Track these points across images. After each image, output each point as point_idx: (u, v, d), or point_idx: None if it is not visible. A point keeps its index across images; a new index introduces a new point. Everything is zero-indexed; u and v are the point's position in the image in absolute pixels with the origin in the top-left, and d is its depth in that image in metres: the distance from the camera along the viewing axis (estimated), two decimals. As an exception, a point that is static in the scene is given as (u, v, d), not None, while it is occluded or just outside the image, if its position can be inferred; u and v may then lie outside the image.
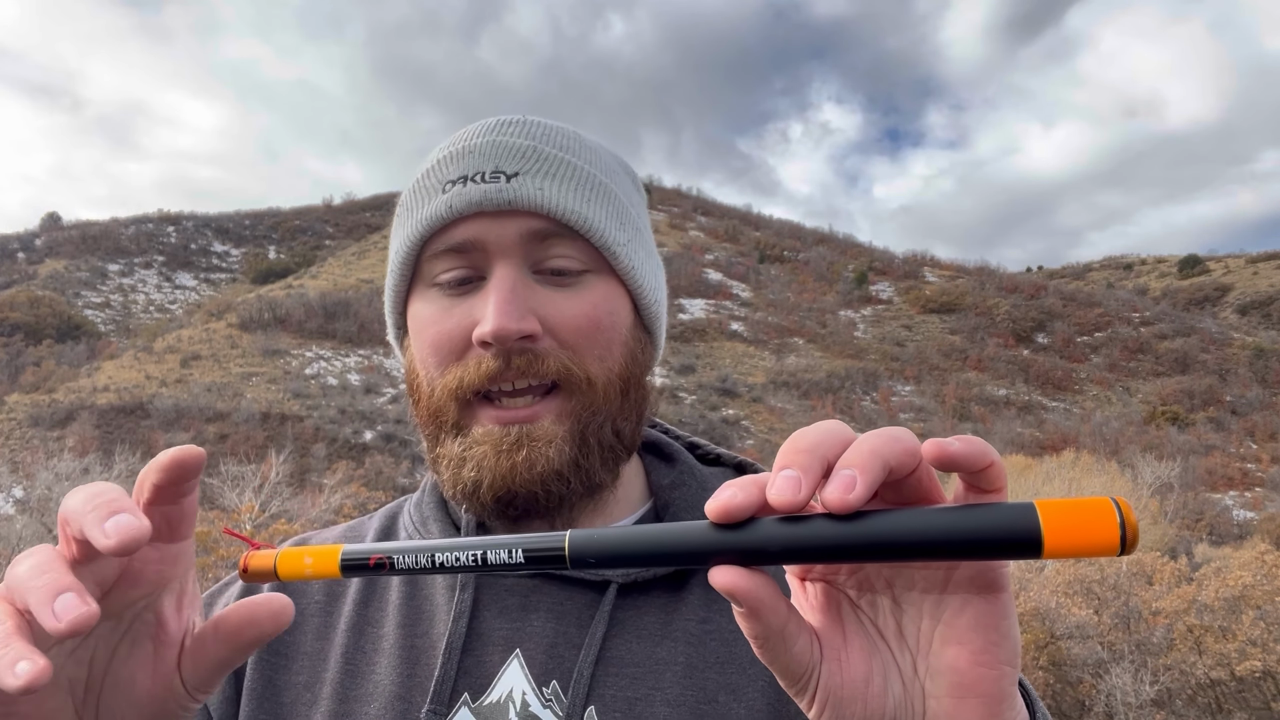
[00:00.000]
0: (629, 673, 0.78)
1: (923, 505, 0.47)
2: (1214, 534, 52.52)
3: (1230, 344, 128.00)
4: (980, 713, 0.48)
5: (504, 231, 0.81)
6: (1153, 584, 17.31)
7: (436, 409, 0.84)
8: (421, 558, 0.53)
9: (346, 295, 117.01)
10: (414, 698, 0.79)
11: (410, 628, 0.84)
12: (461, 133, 0.90)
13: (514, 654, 0.80)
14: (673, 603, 0.83)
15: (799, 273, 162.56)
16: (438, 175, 0.85)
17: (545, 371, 0.81)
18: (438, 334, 0.83)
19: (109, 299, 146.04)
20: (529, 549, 0.52)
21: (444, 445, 0.84)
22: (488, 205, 0.81)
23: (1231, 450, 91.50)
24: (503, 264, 0.81)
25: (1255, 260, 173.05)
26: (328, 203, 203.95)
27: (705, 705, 0.76)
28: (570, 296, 0.83)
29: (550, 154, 0.85)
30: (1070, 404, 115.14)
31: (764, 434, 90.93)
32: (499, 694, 0.78)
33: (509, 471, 0.80)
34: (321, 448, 71.67)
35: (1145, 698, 14.47)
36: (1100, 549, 0.42)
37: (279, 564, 0.55)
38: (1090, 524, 0.42)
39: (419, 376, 0.87)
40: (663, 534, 0.50)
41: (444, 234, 0.83)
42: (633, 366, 0.87)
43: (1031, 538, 0.42)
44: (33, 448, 59.54)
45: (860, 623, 0.53)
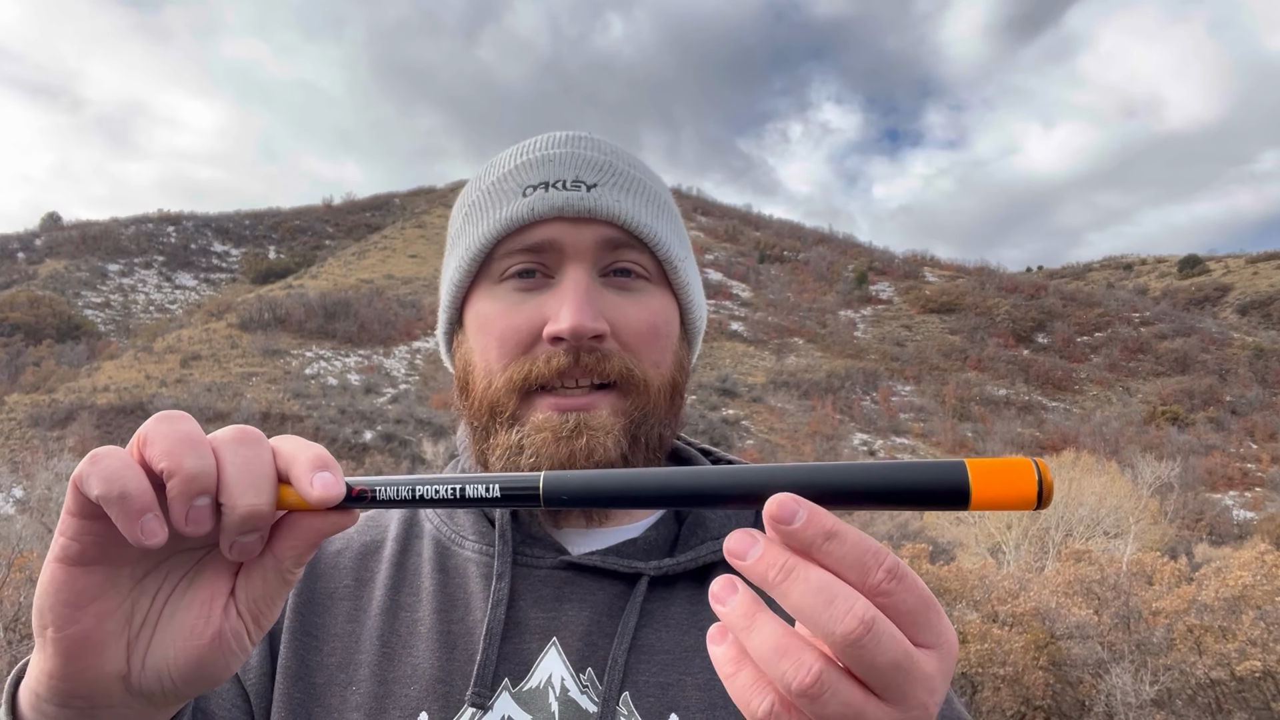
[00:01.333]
0: (660, 660, 0.81)
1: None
2: (1214, 534, 52.56)
3: (1230, 344, 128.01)
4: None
5: (581, 236, 0.86)
6: (1153, 584, 17.32)
7: (494, 401, 0.86)
8: (403, 489, 0.54)
9: (346, 295, 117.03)
10: (455, 681, 0.81)
11: (446, 613, 0.86)
12: (532, 142, 0.95)
13: (551, 642, 0.82)
14: (699, 595, 0.86)
15: (799, 273, 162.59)
16: (516, 180, 0.89)
17: (609, 371, 0.84)
18: (506, 327, 0.86)
19: (109, 299, 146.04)
20: (505, 485, 0.54)
21: (497, 436, 0.86)
22: (569, 211, 0.85)
23: (1231, 450, 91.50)
24: (576, 266, 0.86)
25: (1255, 260, 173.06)
26: (328, 203, 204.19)
27: None
28: (634, 302, 0.87)
29: (624, 170, 0.92)
30: (1070, 404, 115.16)
31: (764, 434, 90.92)
32: (539, 680, 0.80)
33: (567, 458, 0.82)
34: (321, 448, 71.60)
35: (1145, 698, 14.48)
36: (1020, 503, 0.47)
37: (280, 496, 0.55)
38: (1012, 481, 0.47)
39: (476, 369, 0.89)
40: (630, 477, 0.53)
41: (521, 234, 0.86)
42: (680, 375, 0.92)
43: (961, 490, 0.48)
44: (33, 448, 59.56)
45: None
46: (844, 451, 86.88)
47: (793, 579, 0.47)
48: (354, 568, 0.93)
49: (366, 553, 0.95)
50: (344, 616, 0.88)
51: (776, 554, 0.48)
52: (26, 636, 13.38)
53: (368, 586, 0.91)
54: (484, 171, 0.96)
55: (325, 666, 0.85)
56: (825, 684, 0.46)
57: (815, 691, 0.46)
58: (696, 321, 0.97)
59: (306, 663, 0.85)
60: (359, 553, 0.95)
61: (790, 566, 0.47)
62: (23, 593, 13.71)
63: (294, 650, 0.86)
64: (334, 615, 0.89)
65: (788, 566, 0.47)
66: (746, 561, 0.48)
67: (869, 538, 0.48)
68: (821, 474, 0.49)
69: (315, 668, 0.85)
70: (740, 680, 0.49)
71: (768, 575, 0.47)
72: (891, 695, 0.47)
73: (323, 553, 0.95)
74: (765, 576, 0.48)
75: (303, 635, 0.87)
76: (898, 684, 0.47)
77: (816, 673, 0.46)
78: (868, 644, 0.45)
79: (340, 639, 0.87)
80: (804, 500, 0.48)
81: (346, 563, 0.93)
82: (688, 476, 0.52)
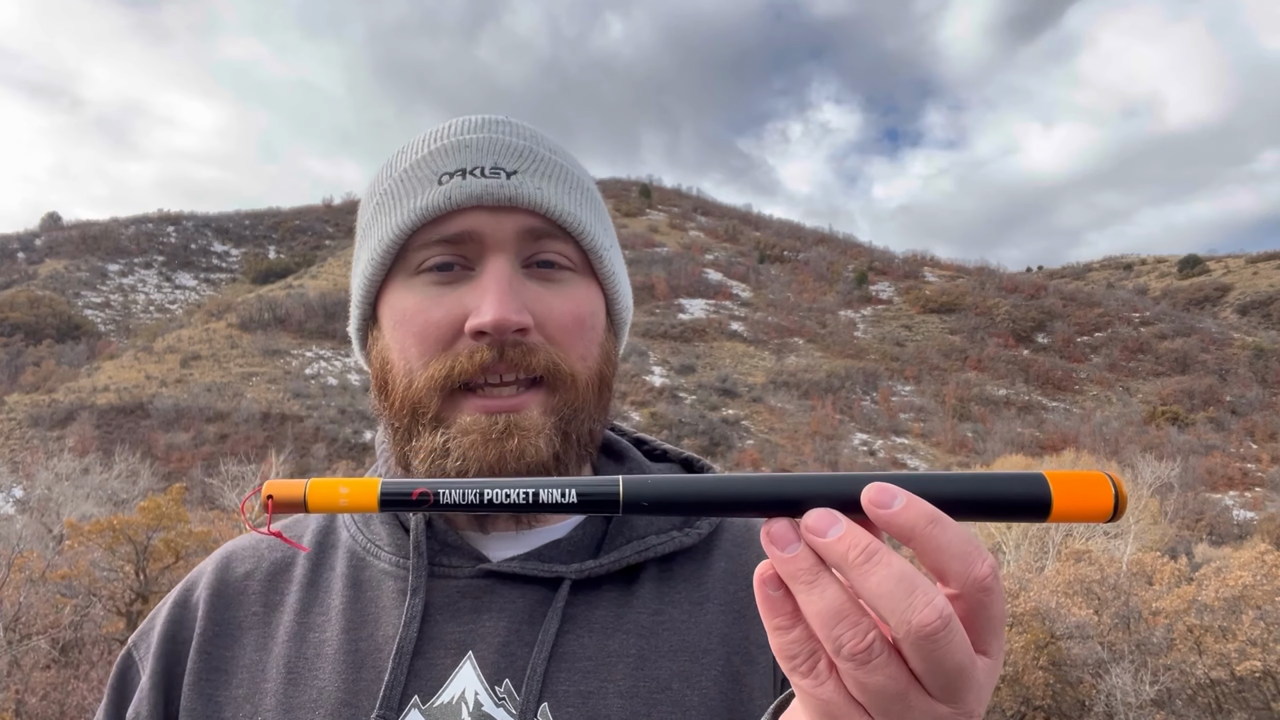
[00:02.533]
0: (581, 667, 0.78)
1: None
2: (1214, 534, 52.56)
3: (1230, 344, 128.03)
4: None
5: (501, 226, 0.82)
6: (1153, 584, 17.31)
7: (415, 401, 0.83)
8: (470, 493, 0.52)
9: (346, 295, 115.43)
10: (360, 703, 0.78)
11: (354, 631, 0.83)
12: (445, 126, 0.90)
13: (466, 656, 0.80)
14: (625, 597, 0.84)
15: (799, 273, 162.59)
16: (430, 166, 0.85)
17: (535, 365, 0.81)
18: (425, 323, 0.82)
19: (109, 299, 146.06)
20: (583, 491, 0.52)
21: (420, 438, 0.83)
22: (488, 200, 0.81)
23: (1231, 450, 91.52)
24: (497, 257, 0.82)
25: (1255, 260, 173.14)
26: (328, 203, 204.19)
27: (658, 694, 0.78)
28: (558, 294, 0.84)
29: (545, 155, 0.87)
30: (1070, 404, 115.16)
31: (764, 434, 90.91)
32: (450, 695, 0.78)
33: (497, 460, 0.80)
34: (321, 448, 71.69)
35: (1145, 698, 14.47)
36: (1096, 515, 0.49)
37: (310, 494, 0.52)
38: (1090, 493, 0.49)
39: (394, 367, 0.85)
40: (712, 483, 0.51)
41: (438, 225, 0.82)
42: (607, 366, 0.89)
43: (1042, 502, 0.49)
44: (33, 448, 59.58)
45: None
46: (844, 451, 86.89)
47: (874, 562, 0.46)
48: (262, 592, 0.89)
49: (276, 573, 0.91)
50: (251, 646, 0.85)
51: (860, 535, 0.47)
52: (26, 636, 13.37)
53: (276, 611, 0.87)
54: (395, 158, 0.91)
55: (233, 700, 0.82)
56: (875, 653, 0.46)
57: (865, 658, 0.46)
58: (622, 312, 0.94)
59: (214, 700, 0.83)
60: (268, 574, 0.90)
61: (874, 549, 0.47)
62: (23, 593, 13.70)
63: (199, 690, 0.83)
64: (242, 646, 0.85)
65: (871, 549, 0.46)
66: (827, 539, 0.47)
67: (969, 532, 0.48)
68: (905, 481, 0.49)
69: (223, 703, 0.82)
70: (791, 636, 0.49)
71: (848, 555, 0.47)
72: (944, 694, 0.47)
73: (230, 577, 0.90)
74: (845, 556, 0.47)
75: (209, 673, 0.84)
76: (955, 686, 0.47)
77: (871, 640, 0.46)
78: (941, 639, 0.45)
79: (247, 670, 0.84)
80: (900, 488, 0.48)
81: (255, 587, 0.89)
82: (770, 483, 0.51)
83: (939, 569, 0.47)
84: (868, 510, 0.48)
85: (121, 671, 0.90)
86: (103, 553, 16.33)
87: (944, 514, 0.47)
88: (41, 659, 13.13)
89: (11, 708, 11.61)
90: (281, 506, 0.54)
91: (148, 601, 16.31)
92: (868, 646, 0.46)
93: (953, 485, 0.49)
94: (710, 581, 0.86)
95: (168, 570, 16.47)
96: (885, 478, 0.49)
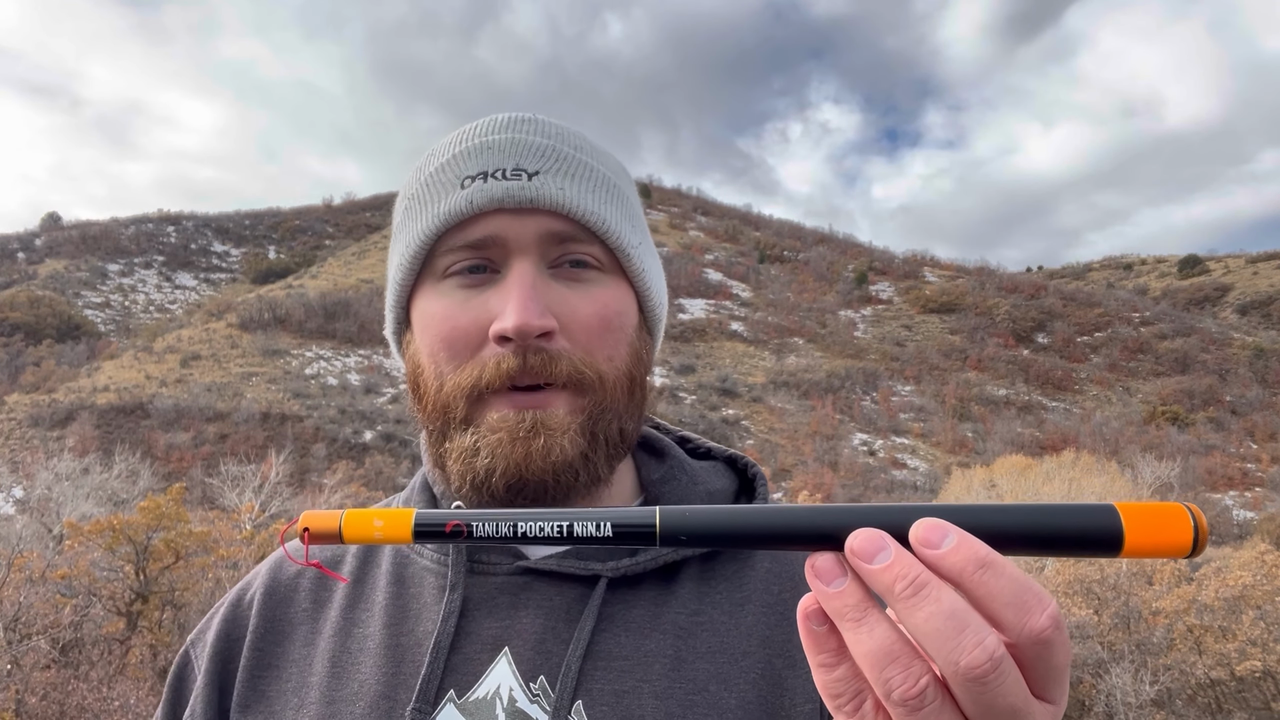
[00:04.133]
0: (617, 666, 0.78)
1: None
2: (1214, 534, 52.56)
3: (1230, 344, 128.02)
4: None
5: (524, 229, 0.82)
6: (1153, 584, 17.31)
7: (445, 405, 0.84)
8: (503, 526, 0.52)
9: (346, 295, 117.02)
10: (399, 696, 0.79)
11: (396, 626, 0.84)
12: (472, 127, 0.90)
13: (502, 652, 0.80)
14: (663, 596, 0.83)
15: (799, 273, 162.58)
16: (454, 170, 0.85)
17: (557, 374, 0.81)
18: (453, 329, 0.82)
19: (109, 299, 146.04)
20: (618, 523, 0.51)
21: (452, 439, 0.84)
22: (509, 202, 0.81)
23: (1231, 450, 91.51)
24: (521, 260, 0.82)
25: (1255, 260, 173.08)
26: (328, 203, 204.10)
27: (695, 695, 0.77)
28: (583, 295, 0.84)
29: (568, 154, 0.86)
30: (1070, 404, 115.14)
31: (764, 434, 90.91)
32: (485, 690, 0.78)
33: (524, 458, 0.80)
34: (321, 448, 71.67)
35: (1145, 698, 14.47)
36: (1174, 551, 0.45)
37: (345, 526, 0.53)
38: (1167, 527, 0.45)
39: (426, 371, 0.86)
40: (753, 515, 0.49)
41: (462, 229, 0.83)
42: (638, 366, 0.88)
43: (1113, 537, 0.45)
44: (33, 448, 59.56)
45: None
46: (844, 451, 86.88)
47: (922, 596, 0.44)
48: (312, 589, 0.91)
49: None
50: (300, 641, 0.87)
51: (909, 566, 0.44)
52: (26, 636, 13.37)
53: (325, 608, 0.89)
54: (424, 160, 0.91)
55: (282, 693, 0.84)
56: (928, 700, 0.44)
57: (916, 704, 0.44)
58: (656, 309, 0.93)
59: (265, 693, 0.85)
60: (317, 573, 0.93)
61: (923, 582, 0.44)
62: (22, 593, 13.70)
63: (251, 685, 0.86)
64: (292, 641, 0.88)
65: (920, 581, 0.44)
66: (873, 565, 0.45)
67: (1030, 578, 0.44)
68: (963, 514, 0.46)
69: (274, 696, 0.84)
70: (836, 675, 0.47)
71: (894, 587, 0.44)
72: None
73: (282, 577, 0.93)
74: (891, 588, 0.44)
75: (261, 668, 0.87)
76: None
77: (924, 686, 0.44)
78: (991, 682, 0.43)
79: (296, 664, 0.86)
80: (953, 525, 0.45)
81: (305, 585, 0.92)
82: (813, 514, 0.48)
83: (992, 617, 0.44)
84: (916, 549, 0.45)
85: (179, 671, 0.92)
86: (103, 553, 16.33)
87: (997, 557, 0.44)
88: (41, 659, 13.12)
89: (11, 708, 11.60)
90: (317, 538, 0.54)
91: (148, 601, 16.31)
92: (920, 692, 0.44)
93: (1015, 518, 0.46)
94: (752, 582, 0.85)
95: (168, 570, 16.47)
96: (939, 511, 0.46)
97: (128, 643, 15.18)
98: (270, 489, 26.76)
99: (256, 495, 26.14)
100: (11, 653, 12.64)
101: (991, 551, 0.45)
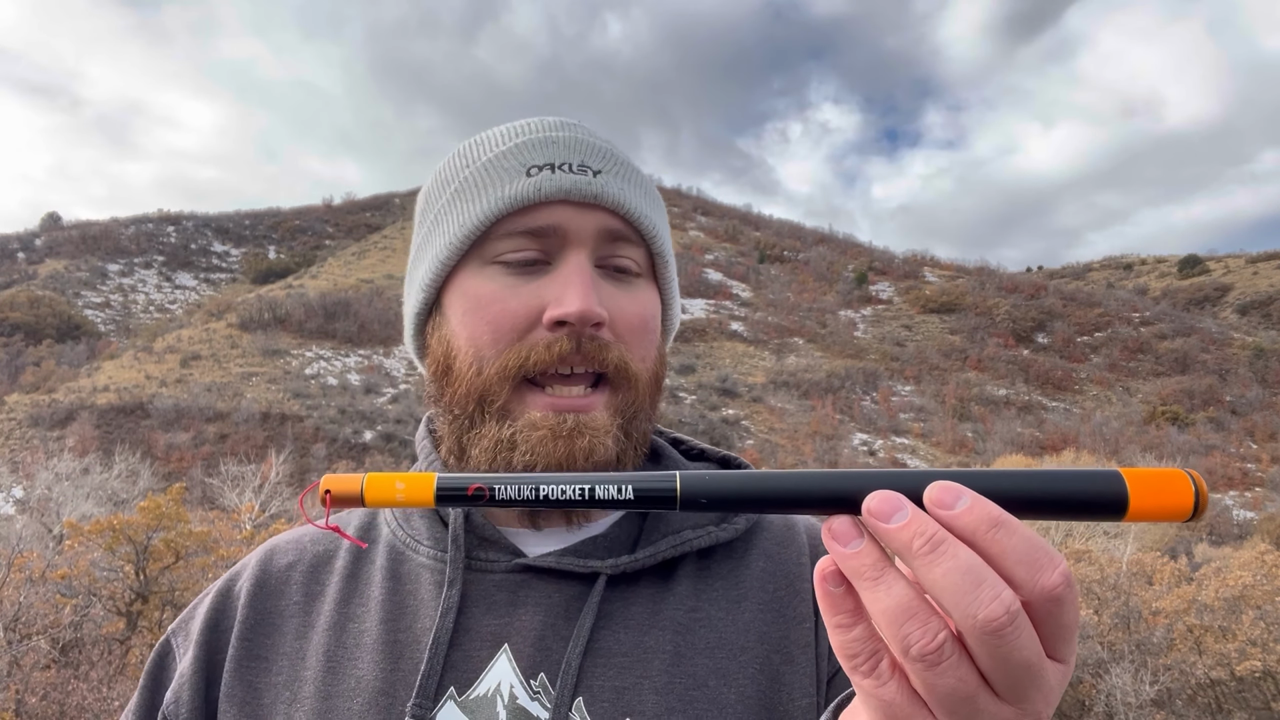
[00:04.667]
0: (617, 662, 0.79)
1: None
2: (1214, 534, 52.53)
3: (1230, 344, 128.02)
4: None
5: (585, 223, 0.83)
6: (1153, 584, 17.32)
7: (484, 389, 0.83)
8: (525, 489, 0.52)
9: (346, 295, 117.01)
10: (398, 692, 0.79)
11: (393, 622, 0.84)
12: (528, 123, 0.91)
13: (502, 648, 0.80)
14: (661, 593, 0.84)
15: (799, 273, 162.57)
16: (517, 158, 0.86)
17: (608, 360, 0.82)
18: (502, 311, 0.83)
19: (109, 299, 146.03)
20: (639, 487, 0.51)
21: (484, 426, 0.83)
22: (575, 195, 0.83)
23: (1231, 450, 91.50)
24: (578, 252, 0.83)
25: (1255, 260, 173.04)
26: (328, 203, 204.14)
27: (694, 691, 0.78)
28: (627, 294, 0.86)
29: (624, 159, 0.90)
30: (1070, 404, 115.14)
31: (764, 434, 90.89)
32: (486, 687, 0.78)
33: (566, 457, 0.80)
34: (321, 448, 71.67)
35: (1145, 698, 14.47)
36: (1175, 514, 0.47)
37: (367, 488, 0.53)
38: (1170, 491, 0.47)
39: (461, 354, 0.85)
40: (771, 479, 0.50)
41: (523, 215, 0.83)
42: (661, 369, 0.91)
43: (1119, 500, 0.47)
44: (33, 448, 59.54)
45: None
46: (844, 451, 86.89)
47: (940, 552, 0.45)
48: (304, 582, 0.91)
49: (317, 565, 0.92)
50: (292, 634, 0.87)
51: (926, 524, 0.45)
52: (26, 636, 13.37)
53: (317, 601, 0.89)
54: (471, 148, 0.91)
55: (273, 686, 0.83)
56: (946, 654, 0.44)
57: (935, 659, 0.44)
58: (673, 319, 0.97)
59: (254, 686, 0.84)
60: (310, 566, 0.92)
61: (940, 539, 0.45)
62: (22, 592, 13.70)
63: (239, 677, 0.85)
64: (283, 634, 0.87)
65: (937, 539, 0.45)
66: (890, 525, 0.46)
67: (1041, 537, 0.45)
68: (975, 479, 0.48)
69: (263, 689, 0.84)
70: (854, 634, 0.48)
71: (912, 544, 0.45)
72: (1010, 694, 0.45)
73: (273, 568, 0.92)
74: (909, 545, 0.45)
75: (250, 660, 0.86)
76: (1022, 685, 0.45)
77: (942, 640, 0.44)
78: (1008, 635, 0.44)
79: (288, 657, 0.85)
80: (966, 487, 0.47)
81: (297, 578, 0.91)
82: (829, 478, 0.49)
83: (1005, 575, 0.45)
84: (930, 510, 0.46)
85: (158, 658, 0.91)
86: (103, 553, 16.31)
87: (1010, 517, 0.46)
88: (41, 659, 13.11)
89: (11, 708, 11.61)
90: (339, 501, 0.54)
91: (148, 601, 16.31)
92: (938, 647, 0.44)
93: (1024, 483, 0.48)
94: (748, 580, 0.86)
95: (168, 570, 16.46)
96: (952, 475, 0.48)
97: (128, 643, 15.17)
98: (270, 489, 26.76)
99: (256, 495, 26.15)
100: (11, 653, 12.64)
101: (1004, 512, 0.46)
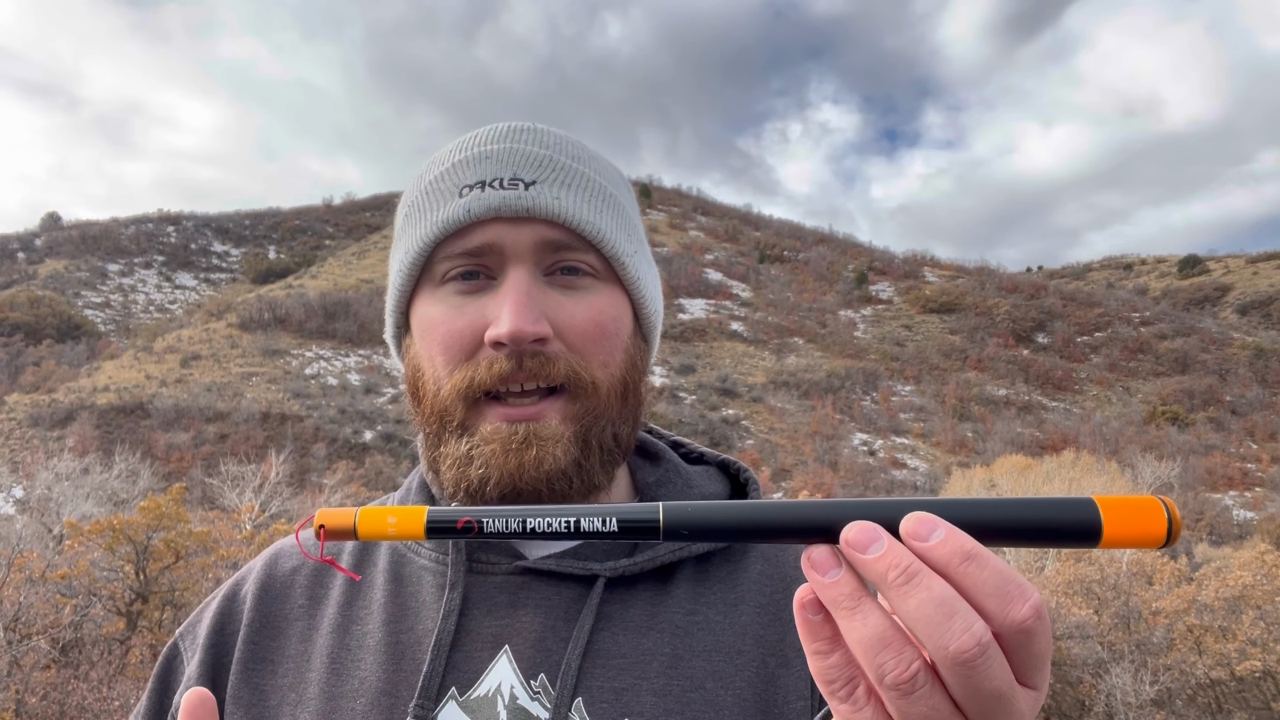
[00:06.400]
0: (616, 664, 0.80)
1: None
2: (1214, 534, 52.57)
3: (1230, 344, 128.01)
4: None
5: (520, 237, 0.83)
6: (1153, 584, 17.33)
7: (442, 409, 0.85)
8: (512, 522, 0.53)
9: (346, 295, 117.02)
10: (400, 693, 0.80)
11: (395, 624, 0.85)
12: (472, 136, 0.92)
13: (502, 649, 0.82)
14: (659, 596, 0.85)
15: (799, 273, 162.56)
16: (453, 179, 0.87)
17: (555, 374, 0.83)
18: (448, 333, 0.84)
19: (109, 299, 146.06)
20: (623, 519, 0.53)
21: (447, 445, 0.86)
22: (506, 211, 0.83)
23: (1231, 450, 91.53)
24: (517, 267, 0.84)
25: (1255, 260, 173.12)
26: (328, 203, 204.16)
27: (692, 693, 0.79)
28: (578, 301, 0.85)
29: (565, 164, 0.88)
30: (1070, 404, 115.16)
31: (764, 434, 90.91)
32: (487, 688, 0.80)
33: (517, 469, 0.81)
34: (321, 448, 71.70)
35: (1145, 698, 14.47)
36: (1149, 541, 0.48)
37: (359, 522, 0.55)
38: (1142, 519, 0.48)
39: (424, 375, 0.87)
40: (753, 509, 0.52)
41: (460, 237, 0.84)
42: (632, 372, 0.90)
43: (1092, 528, 0.48)
44: (33, 448, 59.55)
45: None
46: (844, 451, 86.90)
47: (914, 584, 0.46)
48: (308, 586, 0.92)
49: (322, 568, 0.93)
50: (297, 637, 0.88)
51: (901, 555, 0.47)
52: (26, 636, 13.37)
53: (321, 604, 0.90)
54: (425, 168, 0.93)
55: (278, 688, 0.85)
56: (919, 684, 0.46)
57: (909, 688, 0.46)
58: (651, 316, 0.95)
59: (260, 688, 0.85)
60: (314, 570, 0.94)
61: (914, 571, 0.46)
62: (22, 593, 13.69)
63: (245, 679, 0.86)
64: (288, 637, 0.88)
65: (912, 570, 0.46)
66: (867, 555, 0.47)
67: (1013, 569, 0.47)
68: (950, 508, 0.49)
69: (269, 691, 0.85)
70: (830, 661, 0.49)
71: (887, 575, 0.46)
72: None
73: (278, 572, 0.94)
74: (885, 576, 0.47)
75: (256, 663, 0.87)
76: (993, 713, 0.46)
77: (915, 670, 0.46)
78: (979, 666, 0.45)
79: (293, 660, 0.86)
80: (941, 519, 0.48)
81: (301, 582, 0.93)
82: (809, 509, 0.51)
83: (977, 607, 0.46)
84: (906, 542, 0.47)
85: (167, 661, 0.93)
86: (103, 553, 16.31)
87: (981, 550, 0.47)
88: (41, 659, 13.12)
89: (11, 708, 11.61)
90: (333, 534, 0.56)
91: (148, 601, 16.31)
92: (911, 676, 0.46)
93: (997, 511, 0.49)
94: (745, 584, 0.87)
95: (168, 570, 16.45)
96: (928, 505, 0.49)
97: (128, 643, 15.17)
98: (270, 489, 26.75)
99: (256, 495, 26.14)
100: (11, 653, 12.64)
101: (977, 544, 0.47)
